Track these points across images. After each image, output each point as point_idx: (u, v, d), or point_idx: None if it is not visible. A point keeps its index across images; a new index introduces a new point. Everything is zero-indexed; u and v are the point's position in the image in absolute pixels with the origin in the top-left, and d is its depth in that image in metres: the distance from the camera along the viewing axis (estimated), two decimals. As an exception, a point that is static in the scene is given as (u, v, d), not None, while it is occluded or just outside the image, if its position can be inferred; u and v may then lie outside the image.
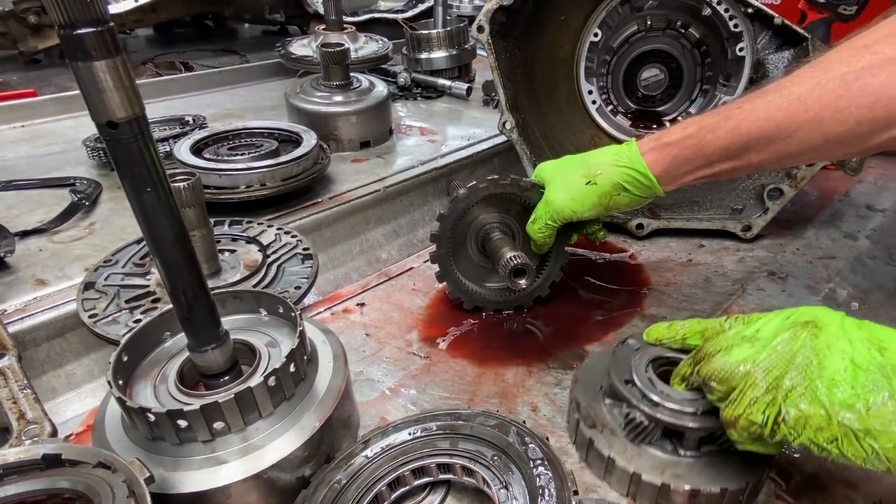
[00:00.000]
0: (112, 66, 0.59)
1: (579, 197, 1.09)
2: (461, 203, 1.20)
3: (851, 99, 0.83)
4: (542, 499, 0.68)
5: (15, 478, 0.70)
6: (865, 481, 0.86)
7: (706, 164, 1.01)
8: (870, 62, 0.81)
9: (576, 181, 1.10)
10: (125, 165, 0.65)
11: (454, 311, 1.26)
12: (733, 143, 0.96)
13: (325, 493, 0.76)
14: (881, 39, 0.82)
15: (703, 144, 0.99)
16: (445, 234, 1.21)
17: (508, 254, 1.13)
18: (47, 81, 2.55)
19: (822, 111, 0.85)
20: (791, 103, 0.89)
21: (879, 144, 0.87)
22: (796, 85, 0.89)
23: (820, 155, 1.05)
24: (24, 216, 1.54)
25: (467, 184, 1.20)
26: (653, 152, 1.04)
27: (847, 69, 0.83)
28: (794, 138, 0.90)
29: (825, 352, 0.65)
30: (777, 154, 0.94)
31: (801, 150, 0.92)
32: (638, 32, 1.81)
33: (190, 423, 0.72)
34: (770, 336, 0.68)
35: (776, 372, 0.65)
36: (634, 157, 1.05)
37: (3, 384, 0.90)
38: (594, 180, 1.08)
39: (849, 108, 0.83)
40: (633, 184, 1.06)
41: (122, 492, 0.63)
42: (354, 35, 2.46)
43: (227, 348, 0.81)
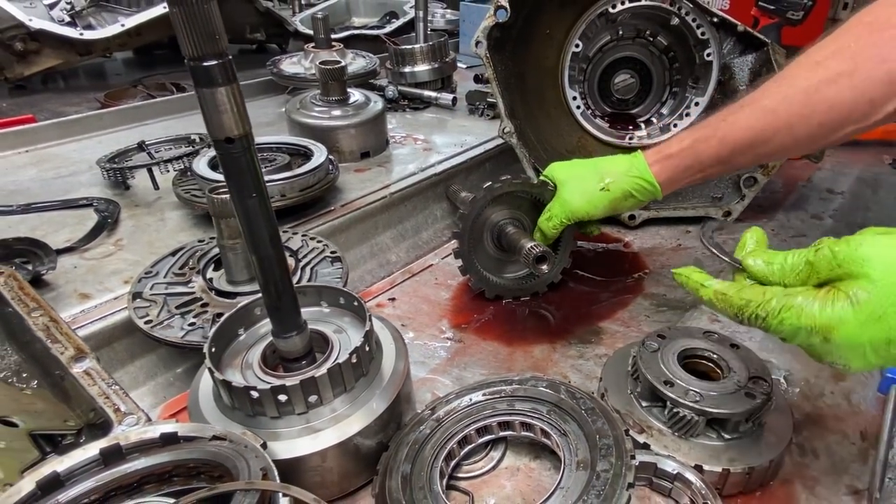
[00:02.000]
0: (231, 91, 0.70)
1: (594, 201, 1.25)
2: (480, 203, 1.32)
3: (814, 107, 1.02)
4: (600, 439, 0.81)
5: (137, 455, 0.79)
6: (851, 415, 1.02)
7: (700, 169, 1.20)
8: (824, 76, 1.00)
9: (591, 186, 1.25)
10: (235, 175, 0.75)
11: (476, 300, 1.39)
12: (722, 150, 1.14)
13: (406, 453, 0.87)
14: (829, 56, 1.01)
15: (698, 154, 1.17)
16: (467, 232, 1.33)
17: (528, 244, 1.26)
18: (39, 107, 2.58)
19: (792, 118, 1.05)
20: (766, 114, 1.08)
21: (836, 140, 1.07)
22: (768, 98, 1.08)
23: (791, 152, 1.25)
24: (50, 236, 1.59)
25: (464, 187, 1.35)
26: (657, 164, 1.22)
27: (807, 83, 1.03)
28: (771, 142, 1.09)
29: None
30: (757, 156, 1.14)
31: (776, 150, 1.12)
32: (610, 42, 1.98)
33: (290, 397, 0.83)
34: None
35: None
36: (644, 169, 1.22)
37: (92, 383, 0.98)
38: (608, 187, 1.24)
39: (812, 115, 1.02)
40: (640, 191, 1.23)
41: (252, 453, 0.73)
42: (343, 52, 2.58)
43: (306, 335, 0.92)
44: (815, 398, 1.07)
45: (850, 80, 0.97)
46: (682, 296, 1.37)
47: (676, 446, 0.88)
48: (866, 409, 1.04)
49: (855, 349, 0.70)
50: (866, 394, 1.07)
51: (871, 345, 0.69)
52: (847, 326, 0.69)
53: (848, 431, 0.99)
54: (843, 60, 0.98)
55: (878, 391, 1.07)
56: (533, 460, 0.94)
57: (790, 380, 1.10)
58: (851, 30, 1.00)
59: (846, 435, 0.99)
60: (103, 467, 0.77)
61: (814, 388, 1.09)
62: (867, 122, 1.01)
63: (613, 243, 1.65)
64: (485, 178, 2.19)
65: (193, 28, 0.64)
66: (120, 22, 2.82)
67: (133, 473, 0.76)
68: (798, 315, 0.73)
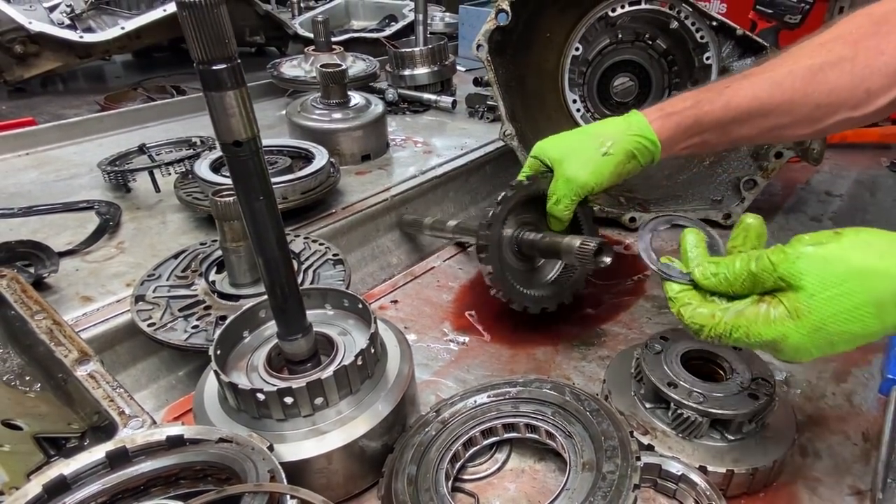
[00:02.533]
0: (239, 95, 0.71)
1: (598, 169, 1.14)
2: (500, 216, 1.19)
3: (815, 86, 1.03)
4: (605, 441, 0.81)
5: (143, 458, 0.79)
6: (853, 416, 1.03)
7: (699, 132, 1.15)
8: (828, 58, 1.02)
9: (592, 154, 1.15)
10: (243, 178, 0.76)
11: (478, 303, 1.39)
12: (725, 115, 1.11)
13: (411, 454, 0.87)
14: (833, 39, 1.03)
15: (700, 115, 1.13)
16: (496, 253, 1.19)
17: (576, 241, 1.12)
18: (38, 109, 2.58)
19: (794, 94, 1.05)
20: (772, 86, 1.07)
21: (828, 126, 1.08)
22: (774, 71, 1.08)
23: (785, 132, 1.19)
24: (52, 239, 1.59)
25: (420, 212, 1.20)
26: (658, 120, 1.14)
27: (811, 62, 1.04)
28: (770, 116, 1.09)
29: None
30: (754, 129, 1.13)
31: (773, 126, 1.11)
32: (610, 45, 1.99)
33: (296, 399, 0.83)
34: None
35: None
36: (644, 126, 1.14)
37: (97, 385, 0.98)
38: (609, 150, 1.14)
39: (813, 94, 1.04)
40: (641, 151, 1.14)
41: (259, 455, 0.73)
42: (343, 55, 2.58)
43: (311, 337, 0.92)
44: (817, 399, 1.07)
45: (851, 65, 0.99)
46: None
47: (680, 447, 0.88)
48: (868, 410, 1.05)
49: (803, 353, 0.76)
50: (867, 395, 1.08)
51: (815, 348, 0.75)
52: (792, 339, 0.75)
53: (850, 432, 1.00)
54: (846, 45, 1.00)
55: (879, 392, 1.08)
56: (538, 462, 0.94)
57: (792, 381, 1.11)
58: (854, 20, 1.03)
59: (848, 436, 0.99)
60: (109, 470, 0.77)
61: (815, 390, 1.09)
62: (860, 113, 1.02)
63: (614, 246, 1.66)
64: (485, 180, 2.21)
65: (203, 32, 0.65)
66: (120, 25, 2.82)
67: (139, 476, 0.77)
68: (747, 334, 0.78)
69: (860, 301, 0.71)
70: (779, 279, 0.76)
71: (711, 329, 0.81)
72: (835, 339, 0.73)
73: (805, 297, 0.73)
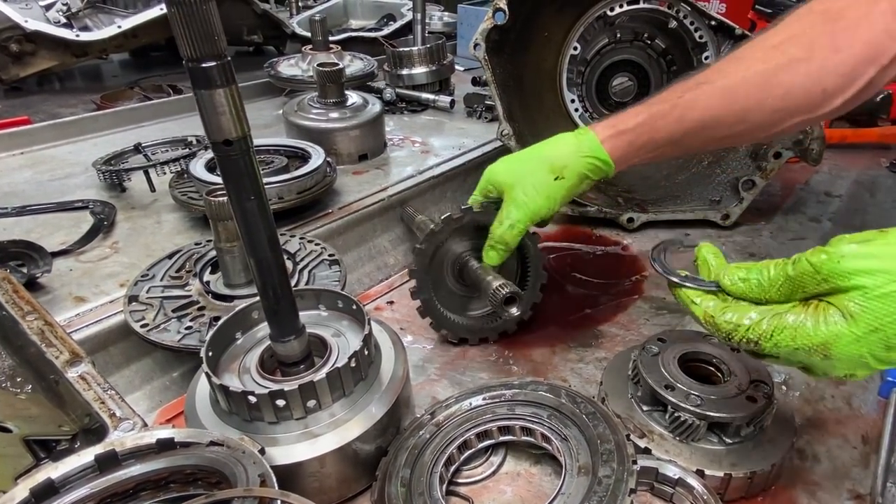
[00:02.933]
0: (229, 93, 0.70)
1: (552, 194, 1.11)
2: (439, 236, 1.18)
3: (769, 91, 1.00)
4: (601, 444, 0.80)
5: (133, 461, 0.78)
6: (852, 419, 1.02)
7: (654, 149, 1.12)
8: (781, 61, 0.99)
9: (544, 179, 1.11)
10: (233, 177, 0.74)
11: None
12: (677, 130, 1.08)
13: (405, 458, 0.86)
14: (785, 41, 0.99)
15: (654, 131, 1.09)
16: (424, 269, 1.19)
17: (495, 283, 1.11)
18: (34, 108, 2.56)
19: (748, 102, 1.02)
20: (725, 95, 1.03)
21: (784, 130, 1.06)
22: (726, 78, 1.04)
23: (739, 139, 1.17)
24: (45, 239, 1.58)
25: (422, 210, 1.19)
26: (611, 140, 1.11)
27: (765, 67, 1.00)
28: (724, 125, 1.05)
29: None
30: (707, 139, 1.10)
31: (727, 135, 1.08)
32: (608, 45, 1.98)
33: (288, 402, 0.82)
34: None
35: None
36: (596, 147, 1.11)
37: (88, 388, 0.97)
38: (562, 174, 1.11)
39: (767, 100, 1.00)
40: (594, 171, 1.12)
41: (250, 459, 0.72)
42: (340, 54, 2.57)
43: (305, 339, 0.91)
44: (816, 402, 1.06)
45: (806, 66, 0.96)
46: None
47: (678, 451, 0.87)
48: (867, 412, 1.04)
49: (856, 361, 0.69)
50: (867, 397, 1.07)
51: (871, 355, 0.69)
52: (845, 341, 0.68)
53: (849, 435, 0.99)
54: (800, 47, 0.97)
55: (878, 395, 1.07)
56: (533, 465, 0.93)
57: (790, 383, 1.10)
58: (805, 18, 0.99)
59: (847, 439, 0.98)
60: (98, 474, 0.76)
61: (814, 392, 1.08)
62: (816, 114, 1.00)
63: (612, 246, 1.65)
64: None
65: (192, 29, 0.64)
66: (116, 23, 2.81)
67: (128, 480, 0.75)
68: (793, 336, 0.71)
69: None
70: (823, 281, 0.69)
71: (749, 331, 0.73)
72: (892, 342, 0.67)
73: (858, 296, 0.67)
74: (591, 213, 1.71)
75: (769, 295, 0.75)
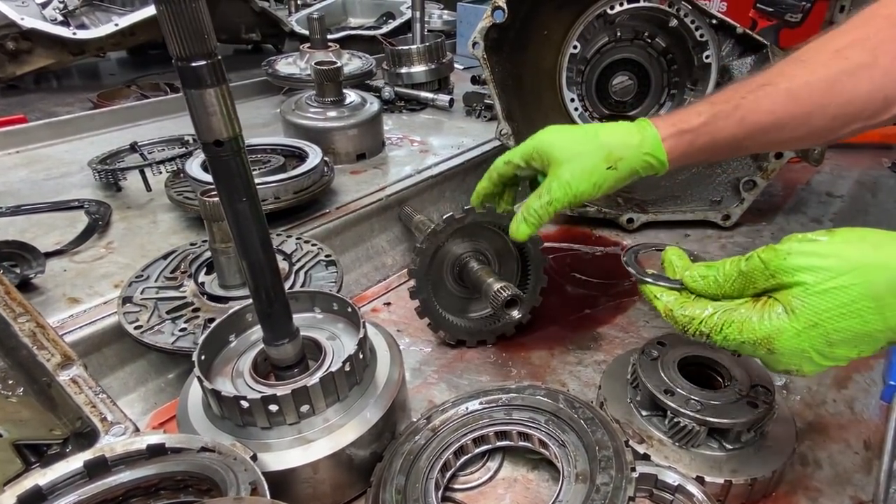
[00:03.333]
0: (220, 93, 0.68)
1: (599, 182, 1.05)
2: (440, 237, 1.16)
3: (833, 98, 0.97)
4: (599, 450, 0.79)
5: (123, 467, 0.77)
6: (854, 424, 1.01)
7: (713, 151, 1.07)
8: (845, 66, 0.96)
9: (597, 166, 1.05)
10: (224, 178, 0.73)
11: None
12: (738, 133, 1.04)
13: (400, 463, 0.85)
14: (849, 45, 0.97)
15: (714, 132, 1.05)
16: (424, 269, 1.17)
17: (496, 285, 1.10)
18: (31, 107, 2.55)
19: (812, 107, 0.99)
20: (789, 99, 1.01)
21: (841, 135, 1.03)
22: (790, 81, 1.01)
23: (798, 143, 1.16)
24: (40, 239, 1.57)
25: (420, 210, 1.17)
26: (672, 139, 1.05)
27: (828, 72, 0.98)
28: (786, 129, 1.03)
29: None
30: (767, 142, 1.08)
31: (788, 139, 1.06)
32: (608, 43, 1.96)
33: (281, 407, 0.80)
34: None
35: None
36: (657, 145, 1.05)
37: (79, 391, 0.96)
38: (616, 165, 1.05)
39: (830, 106, 0.98)
40: (647, 168, 1.06)
41: (241, 466, 0.71)
42: (339, 52, 2.56)
43: (298, 342, 0.89)
44: (817, 406, 1.05)
45: (869, 72, 0.94)
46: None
47: (677, 457, 0.86)
48: (869, 417, 1.03)
49: (799, 355, 0.73)
50: (869, 402, 1.06)
51: (813, 349, 0.72)
52: (786, 336, 0.72)
53: (851, 441, 0.98)
54: (864, 52, 0.95)
55: (881, 399, 1.05)
56: (531, 471, 0.92)
57: (791, 387, 1.09)
58: (870, 21, 0.97)
59: (849, 444, 0.97)
60: (88, 480, 0.75)
61: (815, 396, 1.07)
62: (874, 121, 0.98)
63: (611, 247, 1.63)
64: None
65: (181, 27, 0.62)
66: (114, 21, 2.79)
67: (118, 487, 0.74)
68: (739, 330, 0.75)
69: (857, 294, 0.68)
70: (771, 277, 0.73)
71: (702, 323, 0.78)
72: (832, 338, 0.70)
73: (799, 292, 0.70)
74: (590, 213, 1.69)
75: (724, 290, 0.79)
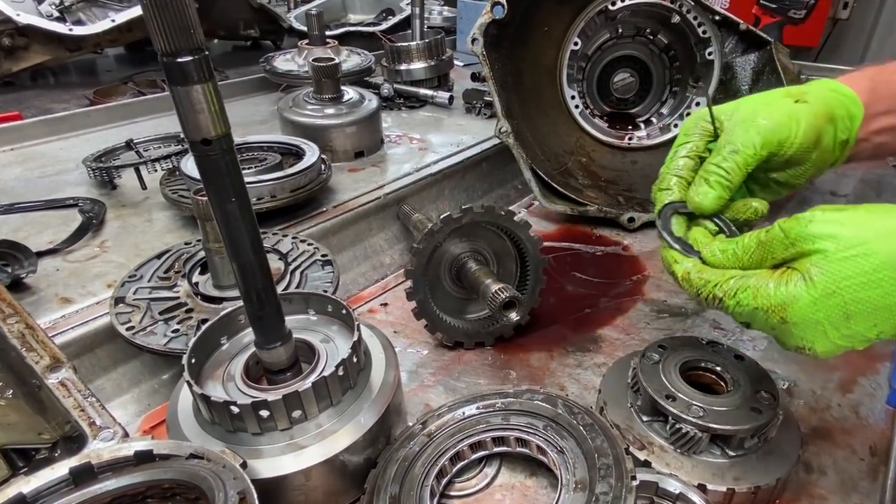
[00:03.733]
0: (207, 89, 0.66)
1: (793, 114, 0.85)
2: (437, 236, 1.13)
3: None
4: (598, 458, 0.77)
5: (110, 474, 0.75)
6: (859, 429, 0.98)
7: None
8: None
9: (780, 101, 0.89)
10: (213, 178, 0.71)
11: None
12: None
13: (395, 470, 0.83)
14: None
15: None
16: (421, 269, 1.14)
17: (494, 286, 1.08)
18: (26, 104, 2.52)
19: None
20: None
21: None
22: None
23: None
24: (33, 237, 1.55)
25: (419, 208, 1.15)
26: (856, 81, 0.92)
27: None
28: None
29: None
30: None
31: None
32: (610, 40, 1.94)
33: (272, 413, 0.78)
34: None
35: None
36: (836, 84, 0.92)
37: (68, 394, 0.94)
38: (803, 98, 0.88)
39: None
40: (839, 105, 0.89)
41: (229, 475, 0.69)
42: (337, 49, 2.53)
43: (291, 345, 0.87)
44: (822, 410, 1.03)
45: None
46: (682, 302, 1.33)
47: (679, 464, 0.84)
48: (875, 422, 1.00)
49: (813, 327, 0.70)
50: (874, 406, 1.04)
51: (828, 321, 0.69)
52: (801, 303, 0.69)
53: (856, 446, 0.96)
54: None
55: (887, 404, 1.02)
56: (529, 477, 0.90)
57: (795, 391, 1.06)
58: None
59: (855, 450, 0.95)
60: (73, 487, 0.73)
61: (820, 400, 1.05)
62: None
63: (612, 246, 1.61)
64: (481, 178, 2.16)
65: (165, 21, 0.60)
66: (110, 17, 2.77)
67: (104, 495, 0.72)
68: (754, 295, 0.73)
69: (879, 262, 0.65)
70: (791, 245, 0.71)
71: (717, 286, 0.76)
72: (851, 309, 0.67)
73: (819, 259, 0.68)
74: (591, 212, 1.67)
75: (743, 262, 0.77)
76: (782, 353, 1.14)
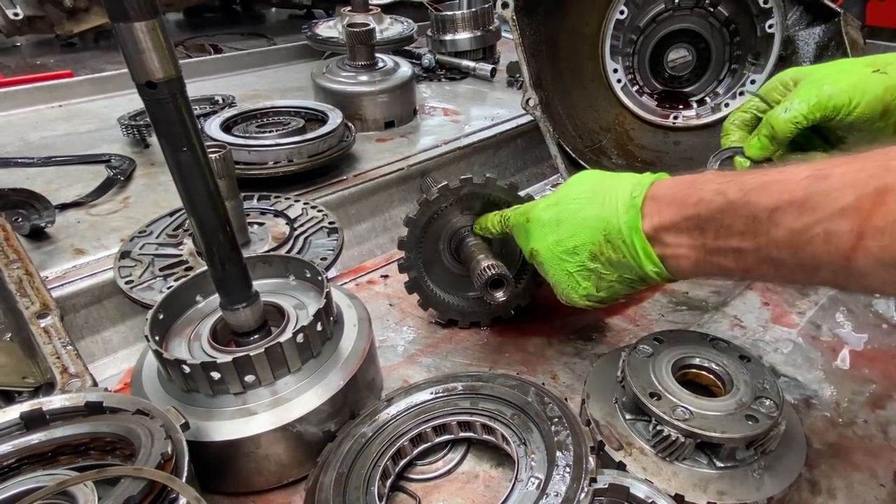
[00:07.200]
0: (151, 27, 0.62)
1: (861, 84, 0.86)
2: (433, 206, 1.07)
3: None
4: (560, 454, 0.70)
5: (60, 422, 0.74)
6: (885, 451, 0.86)
7: None
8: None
9: (855, 69, 0.89)
10: (163, 125, 0.68)
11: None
12: None
13: (350, 446, 0.79)
14: None
15: None
16: (415, 240, 1.09)
17: (484, 262, 1.00)
18: (83, 64, 2.62)
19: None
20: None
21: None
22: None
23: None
24: (63, 190, 1.60)
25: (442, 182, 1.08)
26: None
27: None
28: None
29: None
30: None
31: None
32: (665, 11, 1.78)
33: (223, 375, 0.76)
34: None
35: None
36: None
37: (48, 341, 0.95)
38: (884, 69, 0.87)
39: None
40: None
41: (161, 435, 0.66)
42: (380, 16, 2.48)
43: (258, 308, 0.84)
44: (844, 426, 0.91)
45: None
46: (706, 294, 1.21)
47: (657, 469, 0.75)
48: (906, 445, 0.88)
49: (540, 228, 0.87)
50: (909, 427, 0.91)
51: (549, 223, 0.85)
52: (538, 207, 0.89)
53: (879, 470, 0.84)
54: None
55: (924, 425, 0.90)
56: (495, 467, 0.84)
57: (816, 403, 0.95)
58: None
59: (875, 474, 0.83)
60: (25, 431, 0.73)
61: (844, 414, 0.93)
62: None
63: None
64: (515, 154, 2.07)
65: (98, -48, 0.56)
66: (168, -19, 2.83)
67: (49, 442, 0.72)
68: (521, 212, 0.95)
69: (583, 189, 0.85)
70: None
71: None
72: (562, 216, 0.85)
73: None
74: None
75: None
76: (806, 358, 1.02)
